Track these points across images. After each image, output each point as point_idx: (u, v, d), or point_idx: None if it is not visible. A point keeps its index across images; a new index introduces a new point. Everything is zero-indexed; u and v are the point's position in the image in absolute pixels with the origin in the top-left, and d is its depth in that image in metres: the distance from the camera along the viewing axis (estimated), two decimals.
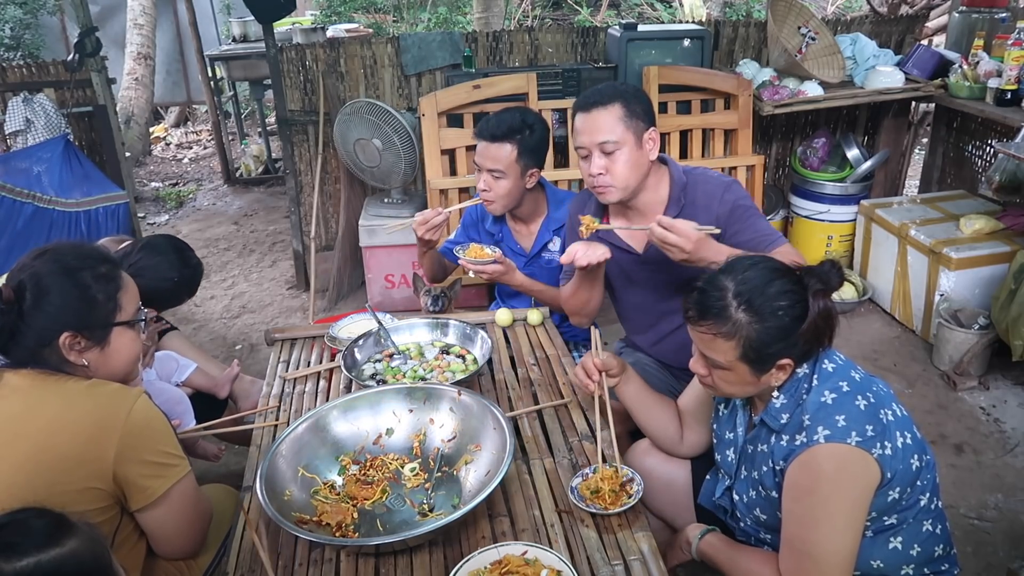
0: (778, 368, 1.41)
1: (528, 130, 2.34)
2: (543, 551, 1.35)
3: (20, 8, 6.32)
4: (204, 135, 7.64)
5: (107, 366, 1.45)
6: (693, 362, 1.51)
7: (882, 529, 1.45)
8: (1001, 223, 3.40)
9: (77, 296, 1.39)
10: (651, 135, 1.95)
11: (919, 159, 5.07)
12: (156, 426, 1.41)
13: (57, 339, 1.37)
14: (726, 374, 1.44)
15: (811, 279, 1.40)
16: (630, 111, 1.91)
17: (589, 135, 1.93)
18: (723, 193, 1.97)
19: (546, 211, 2.51)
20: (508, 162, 2.34)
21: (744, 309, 1.37)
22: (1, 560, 0.97)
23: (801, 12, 3.98)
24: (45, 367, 1.39)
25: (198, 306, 4.22)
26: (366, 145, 3.58)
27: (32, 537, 1.01)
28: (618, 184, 1.94)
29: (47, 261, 1.40)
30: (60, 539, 1.02)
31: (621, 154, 1.91)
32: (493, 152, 2.34)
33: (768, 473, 1.47)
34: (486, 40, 4.08)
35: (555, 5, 9.42)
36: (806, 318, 1.37)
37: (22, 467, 1.31)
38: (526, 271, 2.47)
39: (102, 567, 1.06)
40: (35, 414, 1.34)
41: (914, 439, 1.42)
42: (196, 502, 1.51)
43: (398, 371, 2.01)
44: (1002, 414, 2.98)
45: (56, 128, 3.78)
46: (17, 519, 1.03)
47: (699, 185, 2.00)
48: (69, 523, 1.05)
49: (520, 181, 2.39)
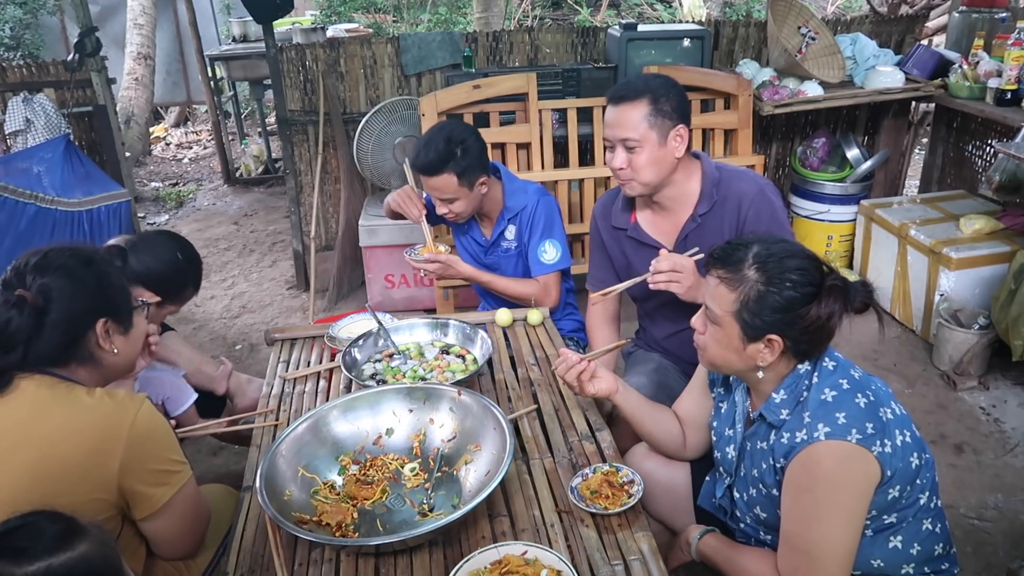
0: (767, 344, 1.41)
1: (459, 149, 2.31)
2: (543, 551, 1.35)
3: (20, 8, 6.32)
4: (204, 135, 7.64)
5: (129, 351, 1.50)
6: (696, 316, 1.53)
7: (882, 528, 1.45)
8: (1001, 223, 3.40)
9: (104, 285, 1.44)
10: (679, 132, 1.95)
11: (919, 159, 5.07)
12: (159, 434, 1.41)
13: (93, 328, 1.41)
14: (717, 331, 1.46)
15: (835, 278, 1.41)
16: (657, 108, 1.92)
17: (613, 129, 1.96)
18: (756, 195, 1.98)
19: (503, 203, 2.52)
20: (452, 188, 2.36)
21: (756, 268, 1.40)
22: (12, 564, 0.97)
23: (801, 12, 3.98)
24: (58, 372, 1.39)
25: (198, 306, 4.22)
26: (407, 143, 3.64)
27: (43, 541, 1.00)
28: (639, 179, 1.97)
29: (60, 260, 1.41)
30: (71, 543, 1.02)
31: (642, 152, 1.93)
32: (435, 184, 2.36)
33: (768, 471, 1.47)
34: (486, 40, 4.08)
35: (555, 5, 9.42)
36: (811, 304, 1.37)
37: (26, 474, 1.31)
38: (488, 259, 2.57)
39: (112, 570, 1.06)
40: (41, 421, 1.34)
41: (913, 437, 1.42)
42: (197, 505, 1.51)
43: (398, 371, 2.01)
44: (1002, 414, 2.98)
45: (56, 128, 3.78)
46: (29, 522, 1.03)
47: (732, 182, 2.01)
48: (80, 526, 1.05)
49: (472, 195, 2.40)
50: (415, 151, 2.40)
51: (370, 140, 3.71)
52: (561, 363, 1.72)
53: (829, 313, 1.38)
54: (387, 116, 3.70)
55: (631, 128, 1.92)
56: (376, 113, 3.68)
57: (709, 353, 1.51)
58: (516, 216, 2.48)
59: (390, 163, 3.78)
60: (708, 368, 1.65)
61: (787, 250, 1.43)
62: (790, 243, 1.48)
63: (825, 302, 1.38)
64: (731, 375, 1.61)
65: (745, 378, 1.53)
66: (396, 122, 3.72)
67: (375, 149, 3.73)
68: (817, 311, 1.37)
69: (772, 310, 1.38)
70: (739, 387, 1.60)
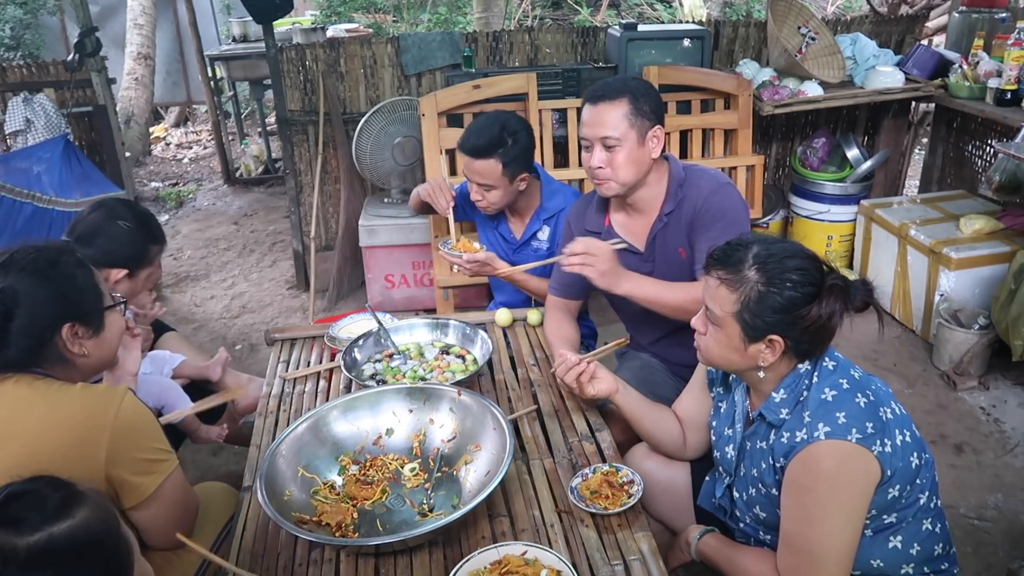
0: (768, 344, 1.41)
1: (511, 139, 2.32)
2: (543, 551, 1.35)
3: (20, 8, 6.32)
4: (204, 135, 7.64)
5: (102, 352, 1.49)
6: (696, 317, 1.53)
7: (882, 528, 1.45)
8: (1001, 223, 3.40)
9: (67, 288, 1.41)
10: (655, 133, 1.95)
11: (919, 159, 5.07)
12: (144, 423, 1.43)
13: (59, 333, 1.39)
14: (718, 332, 1.45)
15: (836, 277, 1.41)
16: (636, 108, 1.91)
17: (592, 128, 1.94)
18: (710, 193, 1.96)
19: (539, 201, 2.51)
20: (494, 176, 2.34)
21: (757, 269, 1.40)
22: (14, 535, 0.97)
23: (801, 12, 3.98)
24: (35, 369, 1.40)
25: (198, 306, 4.22)
26: (406, 144, 3.62)
27: (44, 510, 1.01)
28: (617, 179, 1.96)
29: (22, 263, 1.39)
30: (71, 510, 1.02)
31: (622, 150, 1.92)
32: (478, 168, 2.34)
33: (768, 470, 1.47)
34: (486, 40, 4.08)
35: (555, 5, 9.41)
36: (812, 304, 1.37)
37: (11, 470, 1.29)
38: (515, 257, 2.52)
39: (112, 534, 1.07)
40: (23, 416, 1.34)
41: (913, 437, 1.42)
42: (185, 494, 1.53)
43: (398, 371, 2.01)
44: (1002, 414, 2.98)
45: (56, 128, 3.78)
46: (29, 490, 1.03)
47: (694, 180, 2.00)
48: (79, 492, 1.06)
49: (511, 187, 2.39)
50: (465, 132, 2.40)
51: (369, 140, 3.70)
52: (560, 365, 1.72)
53: (830, 312, 1.38)
54: (386, 116, 3.70)
55: (612, 127, 1.91)
56: (375, 113, 3.68)
57: (710, 354, 1.51)
58: (552, 217, 2.47)
59: (389, 163, 3.78)
60: (709, 367, 1.65)
61: (787, 250, 1.43)
62: (790, 243, 1.48)
63: (826, 301, 1.38)
64: (731, 374, 1.61)
65: (745, 377, 1.53)
66: (395, 122, 3.72)
67: (374, 149, 3.73)
68: (818, 311, 1.37)
69: (773, 310, 1.38)
70: (738, 387, 1.60)
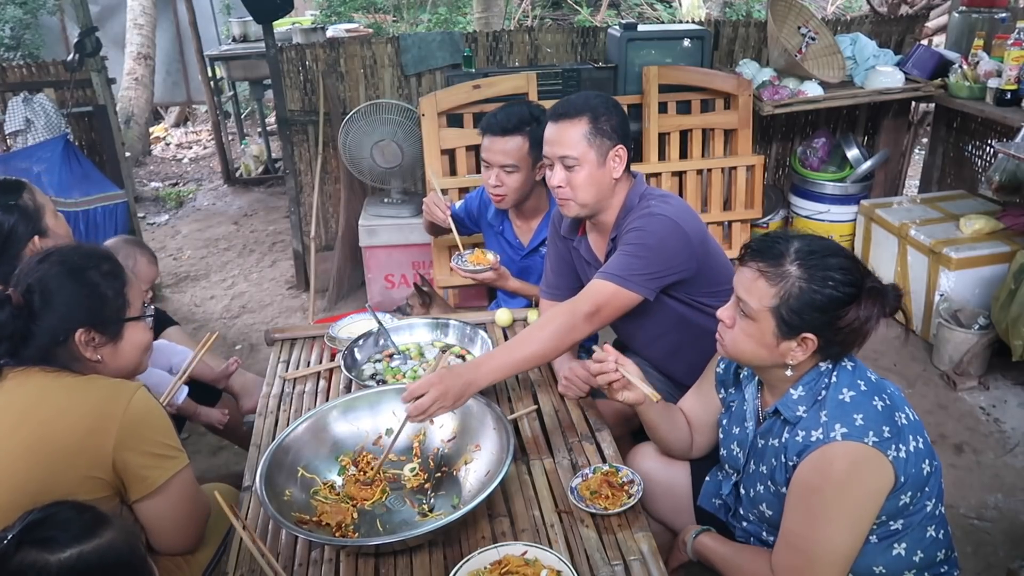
0: (800, 342, 1.38)
1: (536, 122, 2.33)
2: (543, 551, 1.35)
3: (20, 8, 6.31)
4: (204, 135, 7.64)
5: (119, 361, 1.50)
6: (724, 308, 1.48)
7: (887, 535, 1.44)
8: (1001, 223, 3.40)
9: (87, 294, 1.44)
10: (617, 152, 1.89)
11: (919, 159, 5.07)
12: (155, 417, 1.44)
13: (72, 336, 1.42)
14: (749, 325, 1.41)
15: (875, 280, 1.39)
16: (596, 128, 1.86)
17: (552, 147, 1.91)
18: (635, 220, 1.87)
19: (548, 207, 2.50)
20: (520, 155, 2.34)
21: (799, 264, 1.37)
22: (45, 552, 1.01)
23: (801, 12, 3.98)
24: (53, 365, 1.42)
25: (198, 306, 4.22)
26: (386, 147, 3.60)
27: (71, 530, 1.04)
28: (576, 199, 1.91)
29: (54, 263, 1.44)
30: (98, 531, 1.06)
31: (581, 171, 1.87)
32: (504, 146, 2.34)
33: (779, 468, 1.45)
34: (486, 40, 4.08)
35: (555, 5, 9.40)
36: (851, 305, 1.35)
37: (23, 456, 1.34)
38: (522, 264, 2.53)
39: (138, 557, 1.10)
40: (36, 406, 1.38)
41: (925, 444, 1.41)
42: (194, 496, 1.53)
43: (398, 371, 2.01)
44: (1002, 414, 2.98)
45: (56, 128, 3.78)
46: (55, 512, 1.07)
47: (636, 209, 1.91)
48: (104, 516, 1.09)
49: (531, 173, 2.39)
50: (489, 114, 2.40)
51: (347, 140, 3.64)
52: (599, 362, 1.59)
53: (867, 316, 1.36)
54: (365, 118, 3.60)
55: (570, 146, 1.86)
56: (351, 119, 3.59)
57: (737, 347, 1.46)
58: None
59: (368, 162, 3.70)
60: (731, 359, 1.59)
61: (829, 248, 1.40)
62: (830, 241, 1.45)
63: (865, 304, 1.36)
64: (742, 372, 1.59)
65: (768, 374, 1.50)
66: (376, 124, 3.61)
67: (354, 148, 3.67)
68: (856, 313, 1.35)
69: (812, 308, 1.36)
70: (749, 384, 1.59)
